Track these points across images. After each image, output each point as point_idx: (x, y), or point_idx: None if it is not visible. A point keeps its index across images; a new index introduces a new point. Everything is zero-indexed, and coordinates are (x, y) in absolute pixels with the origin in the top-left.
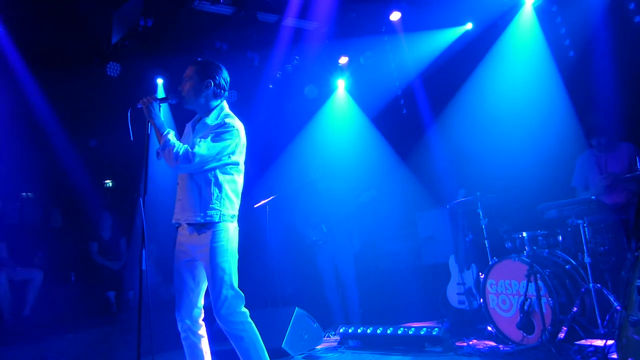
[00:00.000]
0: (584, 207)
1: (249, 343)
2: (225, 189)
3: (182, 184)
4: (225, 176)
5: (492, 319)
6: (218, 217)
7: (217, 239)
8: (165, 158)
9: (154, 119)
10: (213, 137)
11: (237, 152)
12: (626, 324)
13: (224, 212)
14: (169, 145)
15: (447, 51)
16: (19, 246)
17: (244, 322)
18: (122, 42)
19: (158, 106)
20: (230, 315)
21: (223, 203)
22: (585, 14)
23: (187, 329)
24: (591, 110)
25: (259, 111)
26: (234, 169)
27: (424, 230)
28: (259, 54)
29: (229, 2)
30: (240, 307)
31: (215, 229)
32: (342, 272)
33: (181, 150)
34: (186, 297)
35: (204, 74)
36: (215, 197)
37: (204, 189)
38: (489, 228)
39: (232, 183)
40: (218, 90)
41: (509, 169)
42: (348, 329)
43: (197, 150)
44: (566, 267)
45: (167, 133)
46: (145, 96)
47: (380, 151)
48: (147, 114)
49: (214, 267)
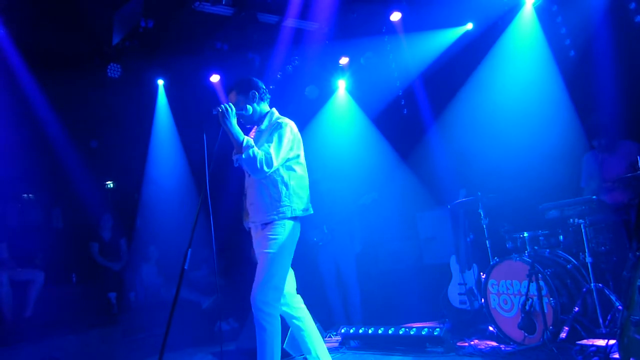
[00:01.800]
0: (585, 207)
1: (267, 337)
2: (292, 185)
3: (252, 189)
4: (290, 172)
5: (494, 319)
6: (290, 212)
7: (275, 232)
8: (248, 165)
9: (230, 127)
10: (277, 139)
11: (295, 146)
12: (628, 323)
13: (295, 207)
14: (254, 154)
15: (447, 51)
16: (20, 247)
17: (272, 314)
18: (122, 43)
19: (233, 114)
20: (262, 303)
21: (292, 199)
22: (585, 14)
23: (287, 315)
24: (591, 110)
25: None
26: (296, 163)
27: (425, 231)
28: (259, 54)
29: (230, 3)
30: (275, 300)
31: (277, 223)
32: (343, 273)
33: (263, 157)
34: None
35: (244, 90)
36: (284, 194)
37: (272, 189)
38: (490, 228)
39: (297, 179)
40: (262, 93)
41: (509, 169)
42: (349, 329)
43: (271, 154)
44: (567, 266)
45: (248, 141)
46: (221, 104)
47: (381, 151)
48: (222, 121)
49: (264, 255)
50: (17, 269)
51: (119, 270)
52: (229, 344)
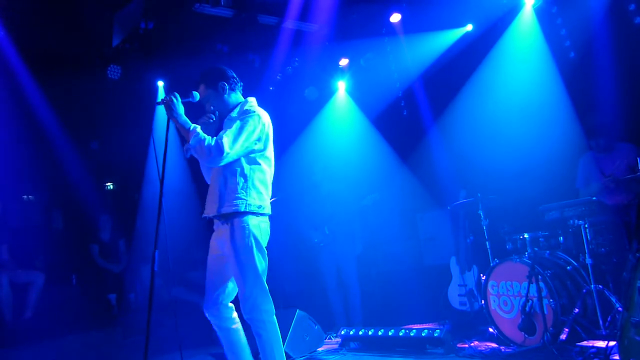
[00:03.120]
0: (585, 208)
1: (266, 342)
2: (252, 178)
3: (213, 179)
4: (252, 165)
5: (494, 320)
6: (244, 206)
7: (243, 234)
8: (198, 153)
9: (177, 117)
10: (238, 125)
11: (263, 138)
12: (628, 325)
13: (250, 201)
14: (201, 139)
15: (447, 53)
16: (21, 248)
17: (266, 320)
18: (123, 44)
19: (179, 104)
20: (253, 312)
21: (249, 193)
22: (585, 15)
23: (218, 325)
24: (590, 111)
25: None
26: (262, 156)
27: (425, 232)
28: (259, 56)
29: (230, 4)
30: (265, 304)
31: (242, 223)
32: (344, 274)
33: (213, 142)
34: (215, 291)
35: (213, 81)
36: (240, 186)
37: (229, 179)
38: (490, 229)
39: (260, 172)
40: (233, 84)
41: (509, 170)
42: (349, 331)
43: (225, 140)
44: (567, 268)
45: (195, 127)
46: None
47: (381, 153)
48: (168, 112)
49: (240, 264)
50: (17, 271)
51: (119, 272)
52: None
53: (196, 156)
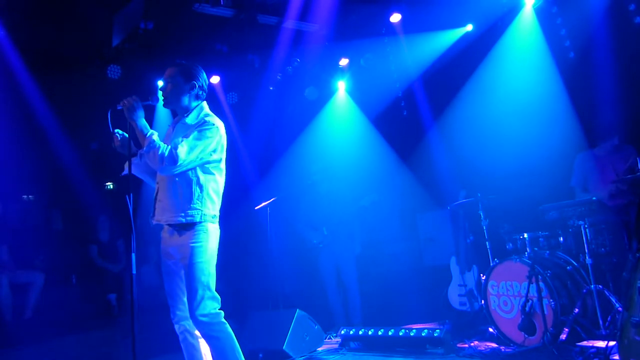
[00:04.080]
0: (585, 208)
1: (224, 343)
2: (207, 188)
3: (162, 184)
4: (207, 175)
5: (494, 320)
6: (199, 216)
7: (197, 239)
8: (150, 160)
9: (136, 120)
10: (195, 136)
11: (219, 150)
12: (628, 325)
13: (205, 212)
14: (154, 147)
15: (447, 53)
16: (20, 249)
17: (219, 322)
18: (122, 44)
19: (139, 107)
20: (205, 317)
21: (204, 203)
22: (585, 15)
23: (184, 330)
24: (591, 111)
25: (260, 113)
26: (216, 167)
27: (425, 232)
28: (259, 56)
29: (230, 4)
30: (215, 308)
31: (196, 228)
32: (343, 274)
33: (167, 152)
34: (178, 299)
35: (188, 76)
36: (196, 196)
37: (184, 189)
38: (490, 229)
39: (214, 182)
40: (200, 92)
41: (509, 170)
42: (349, 330)
43: (180, 149)
44: (567, 268)
45: (151, 134)
46: (127, 97)
47: (381, 153)
48: (127, 115)
49: (192, 267)
50: (17, 271)
51: (119, 271)
52: None
53: (149, 163)
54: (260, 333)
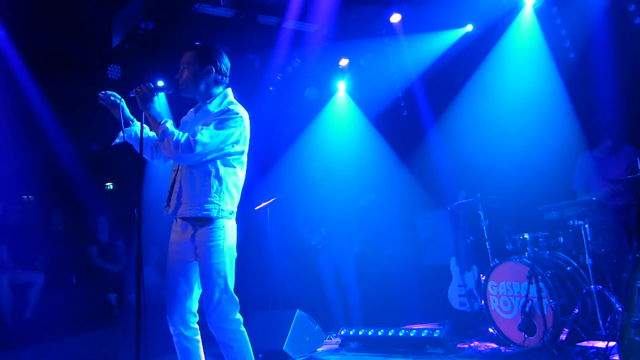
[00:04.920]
0: (585, 208)
1: (237, 353)
2: (226, 181)
3: (179, 175)
4: (227, 168)
5: (494, 320)
6: (217, 211)
7: (214, 237)
8: (165, 148)
9: (149, 109)
10: (216, 124)
11: (242, 141)
12: (628, 325)
13: (223, 207)
14: (168, 134)
15: (447, 53)
16: (20, 249)
17: (236, 330)
18: (123, 45)
19: (153, 95)
20: (223, 322)
21: (222, 197)
22: (585, 16)
23: (179, 333)
24: (591, 112)
25: (260, 113)
26: (237, 160)
27: (425, 232)
28: (259, 56)
29: (230, 4)
30: (234, 313)
31: (212, 225)
32: (343, 275)
33: (183, 139)
34: (178, 301)
35: (205, 59)
36: (214, 190)
37: (203, 181)
38: (490, 230)
39: (234, 176)
40: (220, 76)
41: (509, 170)
42: (349, 331)
43: (199, 137)
44: (567, 268)
45: (165, 122)
46: (139, 85)
47: (381, 153)
48: (140, 104)
49: (209, 269)
50: (17, 271)
51: (119, 272)
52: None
53: (164, 152)
54: (260, 333)
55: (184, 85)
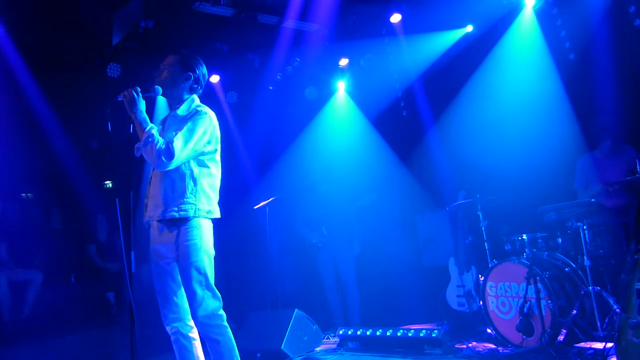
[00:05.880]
0: (584, 209)
1: (224, 347)
2: (201, 182)
3: (155, 180)
4: (202, 169)
5: (492, 321)
6: (193, 211)
7: (190, 236)
8: (147, 154)
9: (136, 113)
10: (189, 127)
11: (213, 141)
12: (625, 326)
13: (199, 206)
14: (153, 141)
15: (447, 53)
16: (19, 247)
17: (221, 325)
18: (122, 43)
19: (140, 99)
20: (208, 318)
21: (198, 197)
22: (585, 17)
23: (176, 332)
24: (591, 113)
25: (259, 113)
26: (211, 160)
27: (424, 233)
28: (259, 55)
29: (230, 3)
30: (217, 309)
31: (188, 225)
32: (342, 274)
33: (164, 146)
34: (169, 299)
35: (186, 65)
36: (190, 190)
37: (177, 183)
38: (488, 230)
39: (209, 177)
40: (195, 85)
41: (509, 171)
42: (347, 330)
43: (176, 144)
44: (566, 269)
45: (151, 128)
46: (127, 89)
47: (381, 153)
48: (128, 108)
49: (188, 267)
50: (16, 269)
51: (118, 270)
52: None
53: (145, 157)
54: (259, 333)
55: (162, 86)
